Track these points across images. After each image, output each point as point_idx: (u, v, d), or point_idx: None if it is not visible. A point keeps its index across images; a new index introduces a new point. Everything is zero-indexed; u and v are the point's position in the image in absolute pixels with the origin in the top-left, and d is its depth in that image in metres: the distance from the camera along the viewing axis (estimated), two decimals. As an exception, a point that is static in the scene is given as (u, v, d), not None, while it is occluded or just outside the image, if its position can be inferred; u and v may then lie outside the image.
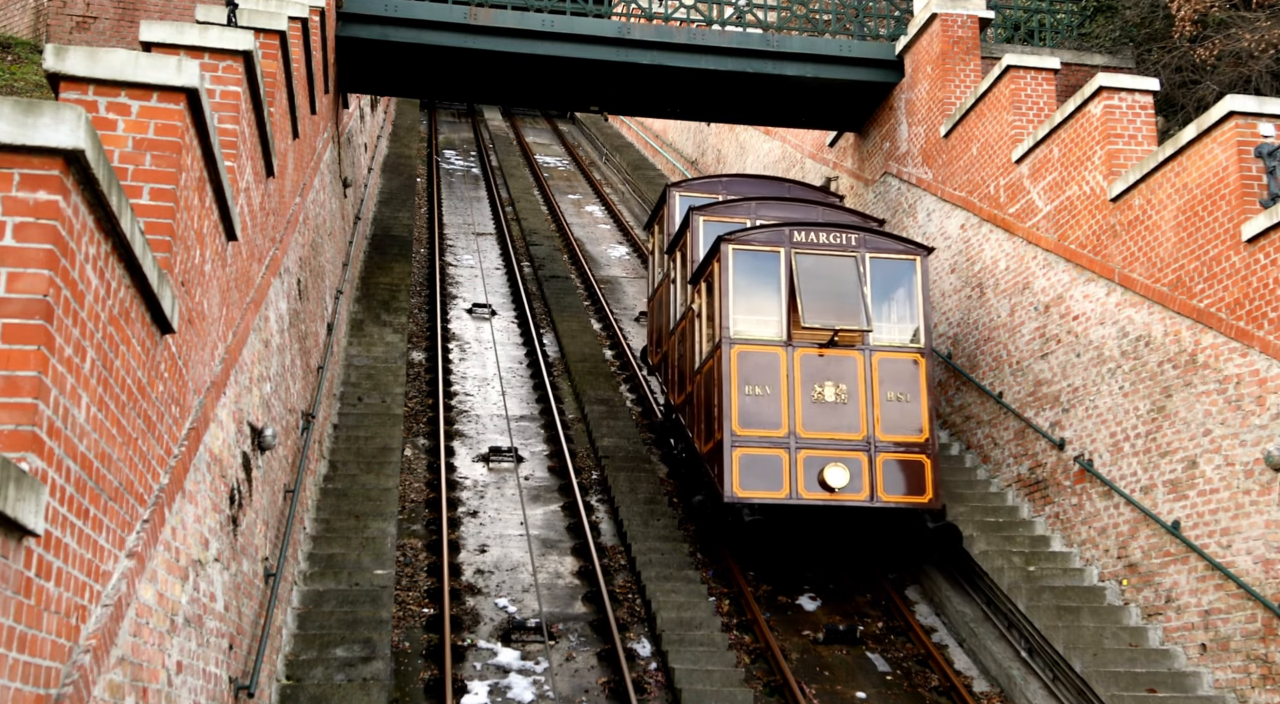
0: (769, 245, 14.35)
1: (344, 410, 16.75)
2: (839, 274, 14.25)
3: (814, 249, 14.33)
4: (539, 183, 35.94)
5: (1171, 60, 16.90)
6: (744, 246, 14.35)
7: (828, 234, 14.45)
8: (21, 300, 3.79)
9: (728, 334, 13.98)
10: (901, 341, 14.36)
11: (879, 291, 14.45)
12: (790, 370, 13.90)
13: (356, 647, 11.45)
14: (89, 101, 5.63)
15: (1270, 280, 10.80)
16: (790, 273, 14.18)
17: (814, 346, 14.01)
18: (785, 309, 14.14)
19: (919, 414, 14.04)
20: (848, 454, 13.70)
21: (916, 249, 14.69)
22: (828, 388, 13.89)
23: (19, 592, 3.62)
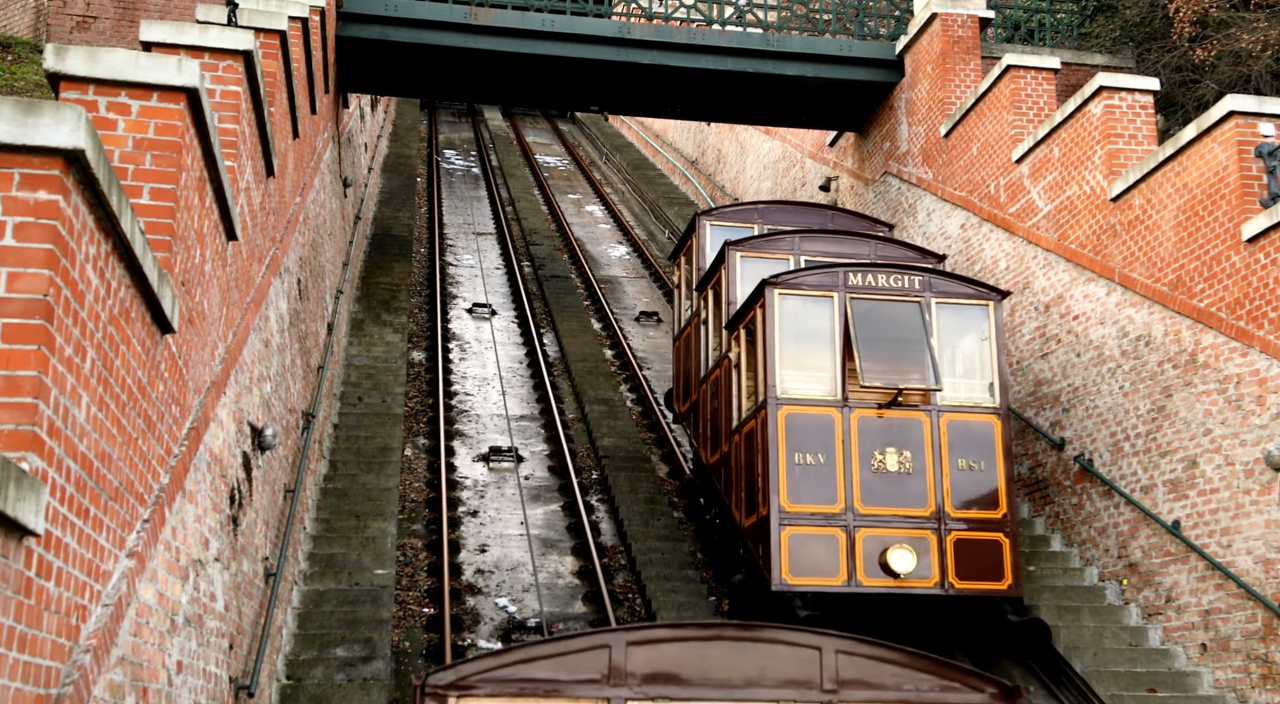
0: (821, 290, 12.53)
1: (344, 410, 16.75)
2: (901, 322, 12.48)
3: (872, 293, 12.54)
4: (539, 182, 35.94)
5: (1171, 60, 16.90)
6: (792, 291, 12.53)
7: (887, 276, 12.64)
8: (22, 300, 3.79)
9: (774, 393, 12.18)
10: (973, 400, 12.56)
11: (946, 341, 12.72)
12: (846, 435, 12.09)
13: (357, 647, 11.45)
14: (89, 101, 5.63)
15: (1270, 280, 10.80)
16: (846, 321, 12.35)
17: (873, 407, 12.21)
18: (840, 363, 12.33)
19: (995, 485, 12.18)
20: (913, 533, 11.92)
21: (989, 293, 12.89)
22: (889, 455, 12.13)
23: (19, 591, 3.62)
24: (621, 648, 6.39)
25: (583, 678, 6.20)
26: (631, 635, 6.44)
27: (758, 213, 16.16)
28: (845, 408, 12.25)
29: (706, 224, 16.06)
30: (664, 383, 20.61)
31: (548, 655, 6.26)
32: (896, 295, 12.59)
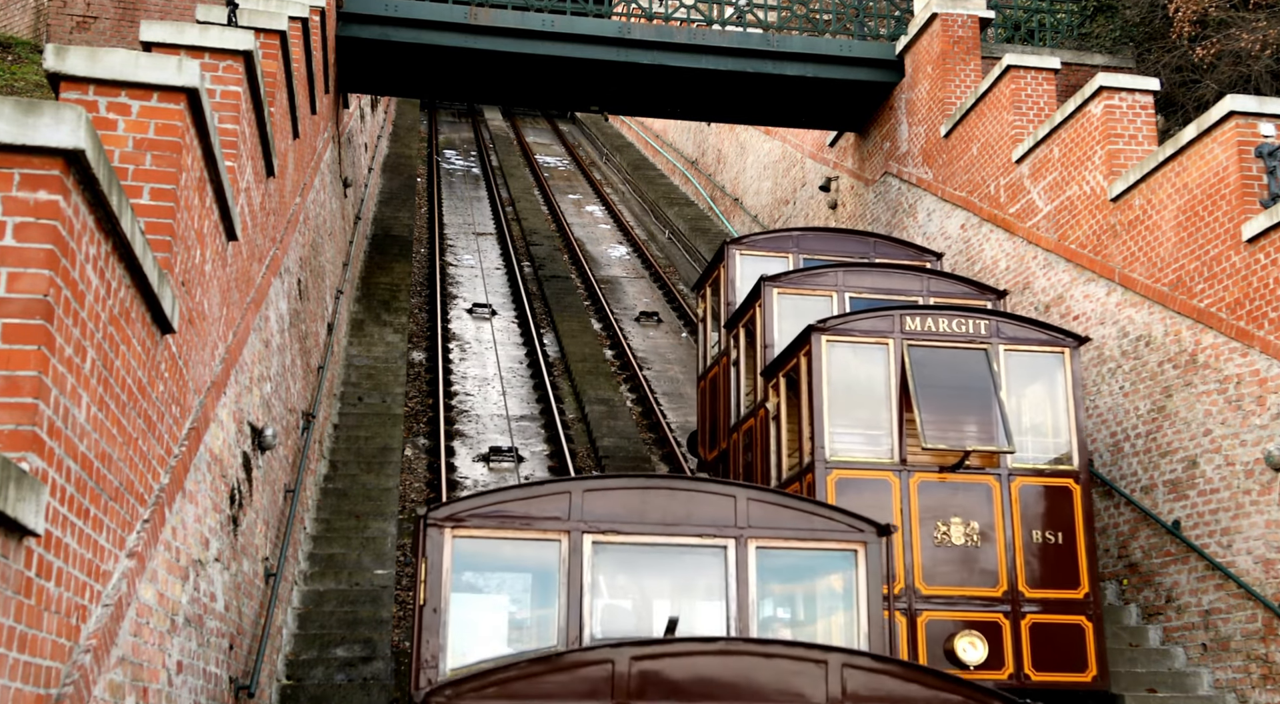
0: (875, 336, 11.29)
1: (344, 410, 16.76)
2: (966, 373, 11.27)
3: (932, 340, 11.28)
4: (539, 182, 35.95)
5: (1171, 60, 16.90)
6: (842, 338, 11.27)
7: (949, 320, 11.39)
8: (22, 300, 3.79)
9: (822, 455, 10.87)
10: (1049, 462, 11.30)
11: (1015, 393, 11.49)
12: (905, 503, 10.83)
13: (357, 647, 11.45)
14: (89, 101, 5.63)
15: (1270, 280, 10.80)
16: (903, 372, 11.13)
17: (936, 471, 10.96)
18: (897, 421, 11.07)
19: (1076, 560, 10.91)
20: (983, 616, 10.66)
21: (1063, 338, 11.56)
22: (954, 526, 10.87)
23: (19, 592, 3.62)
24: (580, 494, 7.78)
25: (549, 515, 7.64)
26: (588, 484, 7.86)
27: (792, 241, 14.79)
28: (904, 472, 10.94)
29: (736, 254, 14.66)
30: (664, 383, 20.62)
31: (522, 498, 7.70)
32: (960, 342, 11.31)
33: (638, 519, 7.79)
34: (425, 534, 7.56)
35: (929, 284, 13.28)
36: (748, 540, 7.82)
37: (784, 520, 8.05)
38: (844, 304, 12.86)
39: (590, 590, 7.56)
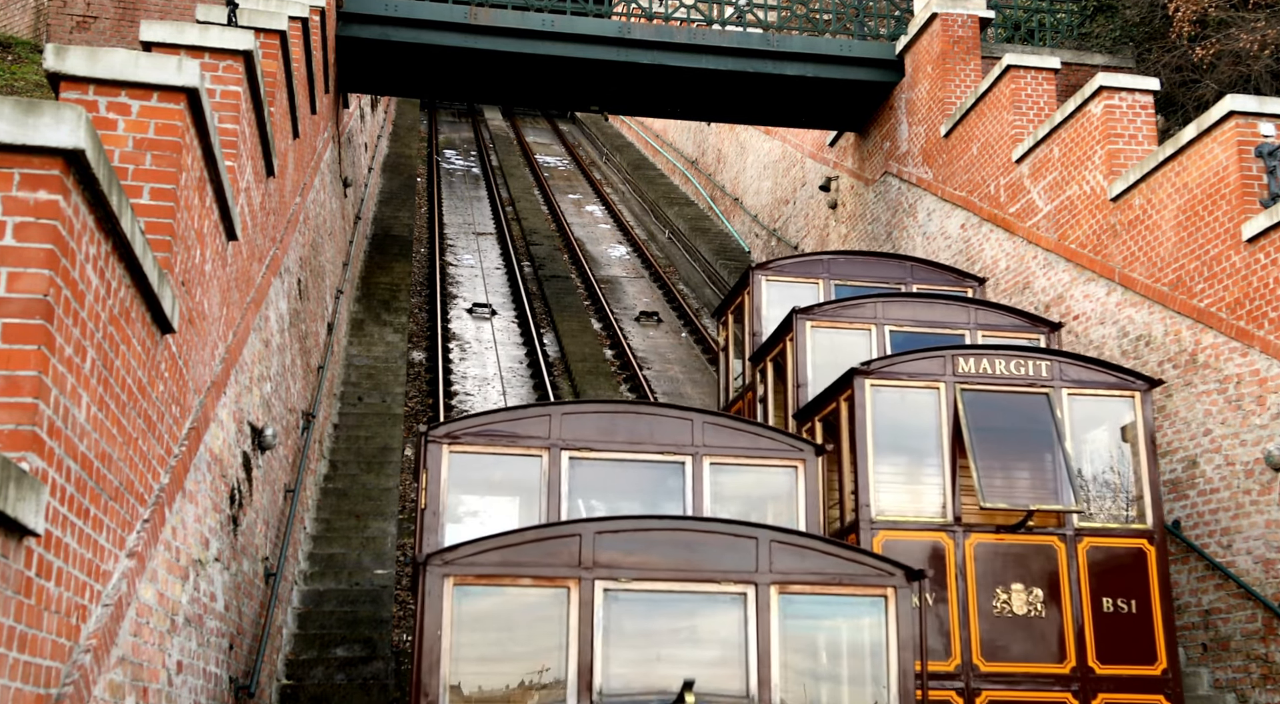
0: (924, 380, 10.32)
1: (344, 410, 16.76)
2: (1026, 421, 10.31)
3: (988, 383, 10.31)
4: (539, 182, 35.95)
5: (1171, 60, 16.90)
6: (889, 382, 10.27)
7: (1006, 360, 10.38)
8: (22, 300, 3.79)
9: (867, 514, 9.90)
10: (1119, 520, 10.33)
11: (1078, 440, 10.46)
12: (961, 568, 9.85)
13: (357, 647, 11.45)
14: (89, 101, 5.64)
15: (1270, 280, 10.80)
16: (956, 420, 10.19)
17: (994, 532, 9.99)
18: (949, 475, 10.10)
19: (1152, 631, 9.92)
20: (1049, 697, 9.65)
21: (1133, 381, 10.55)
22: (1015, 594, 9.85)
23: (19, 591, 3.62)
24: (559, 417, 8.92)
25: (533, 434, 8.77)
26: (565, 408, 9.01)
27: (822, 266, 13.84)
28: (958, 532, 9.93)
29: (762, 280, 13.73)
30: (664, 383, 20.61)
31: (509, 419, 8.86)
32: (1019, 385, 10.32)
33: (608, 438, 8.89)
34: (426, 449, 8.62)
35: (975, 316, 12.32)
36: (703, 457, 8.92)
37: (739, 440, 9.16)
38: (883, 339, 11.92)
39: (567, 498, 8.50)
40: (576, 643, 6.77)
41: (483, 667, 6.79)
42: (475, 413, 9.36)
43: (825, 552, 7.19)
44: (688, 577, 7.00)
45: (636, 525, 7.07)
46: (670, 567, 7.00)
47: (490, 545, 6.90)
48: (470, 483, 8.88)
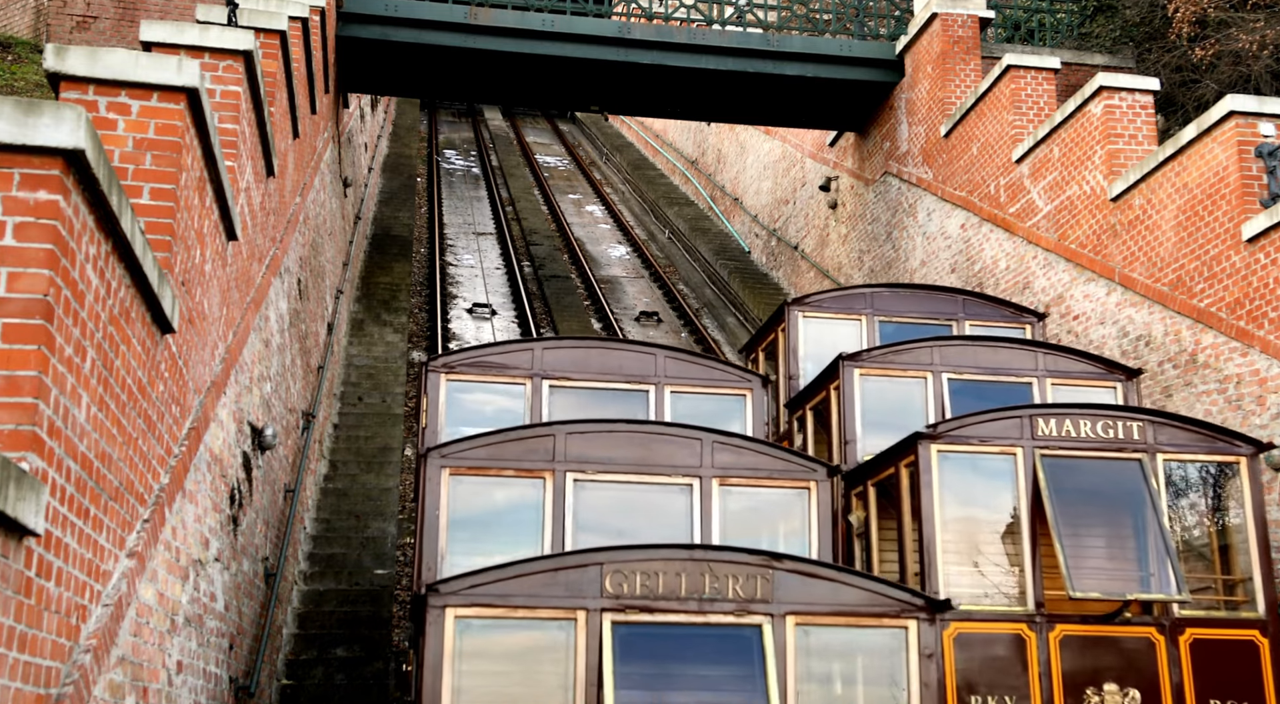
0: (999, 444, 9.03)
1: (344, 410, 16.75)
2: (1119, 494, 9.18)
3: (1073, 448, 9.04)
4: (539, 182, 35.94)
5: (1171, 60, 16.90)
6: (958, 448, 9.03)
7: (1093, 421, 9.12)
8: (22, 300, 3.79)
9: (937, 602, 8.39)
10: (1225, 608, 9.05)
11: (1178, 516, 9.31)
12: (1045, 666, 8.63)
13: (357, 647, 11.46)
14: (89, 101, 5.63)
15: (1270, 280, 10.80)
16: (1036, 490, 8.89)
17: (1081, 622, 8.74)
18: (1030, 555, 8.81)
19: None
20: None
21: (1240, 444, 9.34)
22: (1108, 695, 8.63)
23: (19, 591, 3.62)
24: (540, 350, 10.14)
25: (518, 365, 9.95)
26: (546, 344, 10.14)
27: (865, 301, 12.54)
28: (1041, 623, 8.72)
29: (799, 316, 12.46)
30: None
31: (498, 352, 10.08)
32: (1108, 450, 9.05)
33: (582, 369, 10.10)
34: (426, 377, 9.80)
35: (1044, 361, 11.09)
36: (664, 386, 10.23)
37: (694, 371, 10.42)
38: (942, 390, 10.74)
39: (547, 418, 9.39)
40: (550, 524, 7.97)
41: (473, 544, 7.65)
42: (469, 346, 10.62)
43: (759, 451, 8.49)
44: (643, 470, 8.26)
45: (601, 428, 8.32)
46: (629, 462, 8.27)
47: (479, 444, 8.17)
48: (463, 405, 9.93)
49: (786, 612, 6.62)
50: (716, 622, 6.58)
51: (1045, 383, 10.99)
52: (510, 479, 8.16)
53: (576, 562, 6.58)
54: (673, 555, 6.62)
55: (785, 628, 6.59)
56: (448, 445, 8.19)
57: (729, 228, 29.48)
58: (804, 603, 6.65)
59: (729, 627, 6.59)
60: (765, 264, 26.34)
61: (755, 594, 6.62)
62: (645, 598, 6.56)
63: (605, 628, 6.45)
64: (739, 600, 6.60)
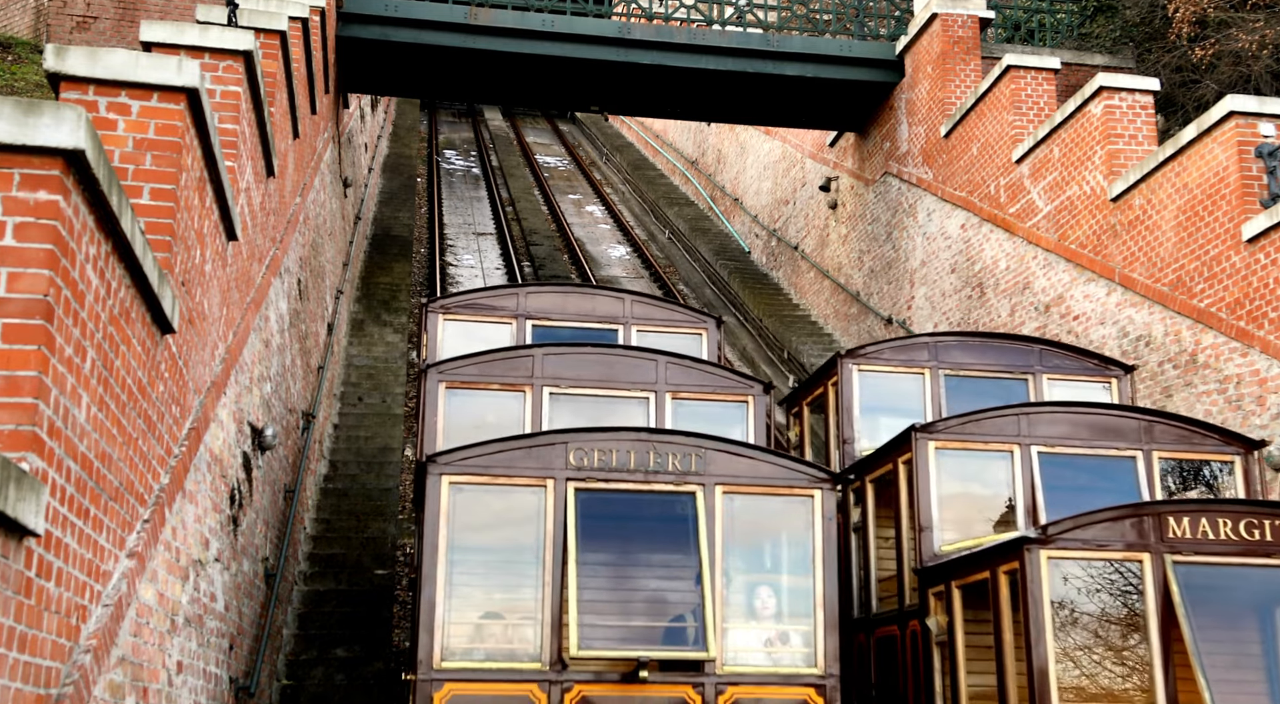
0: (1122, 549, 7.58)
1: (344, 410, 16.75)
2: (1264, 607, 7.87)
3: (1209, 552, 7.56)
4: (539, 182, 35.94)
5: (1171, 60, 16.91)
6: (1070, 553, 7.60)
7: (1234, 520, 7.59)
8: (22, 300, 3.79)
9: None
10: None
11: None
12: None
13: (357, 647, 11.46)
14: (89, 101, 5.63)
15: (1270, 280, 10.80)
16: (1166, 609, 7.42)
17: None
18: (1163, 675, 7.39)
19: None
20: None
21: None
22: None
23: (19, 592, 3.62)
24: (524, 295, 11.29)
25: (505, 307, 11.17)
26: (529, 288, 11.44)
27: (928, 351, 11.13)
28: None
29: (853, 370, 11.07)
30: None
31: (488, 296, 11.30)
32: (1253, 553, 7.55)
33: (559, 311, 11.26)
34: (426, 317, 10.96)
35: (1153, 433, 9.41)
36: (631, 325, 11.32)
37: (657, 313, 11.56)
38: (1032, 469, 9.20)
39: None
40: (529, 429, 9.21)
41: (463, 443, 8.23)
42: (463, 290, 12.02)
43: (705, 371, 9.97)
44: (608, 385, 9.70)
45: (573, 350, 9.75)
46: (596, 378, 9.72)
47: (469, 362, 9.61)
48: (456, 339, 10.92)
49: (716, 482, 7.89)
50: (659, 489, 7.86)
51: (1153, 459, 9.34)
52: (496, 392, 9.56)
53: (546, 440, 7.83)
54: (624, 436, 7.88)
55: (714, 495, 7.86)
56: (443, 363, 9.57)
57: (729, 228, 29.48)
58: (730, 475, 7.93)
59: (669, 493, 7.88)
60: (765, 264, 26.34)
61: (690, 468, 7.90)
62: (602, 470, 7.80)
63: (569, 493, 7.70)
64: (677, 472, 7.89)
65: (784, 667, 7.85)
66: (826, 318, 22.06)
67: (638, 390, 9.68)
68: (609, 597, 7.70)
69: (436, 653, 7.34)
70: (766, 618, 8.07)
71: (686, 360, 9.90)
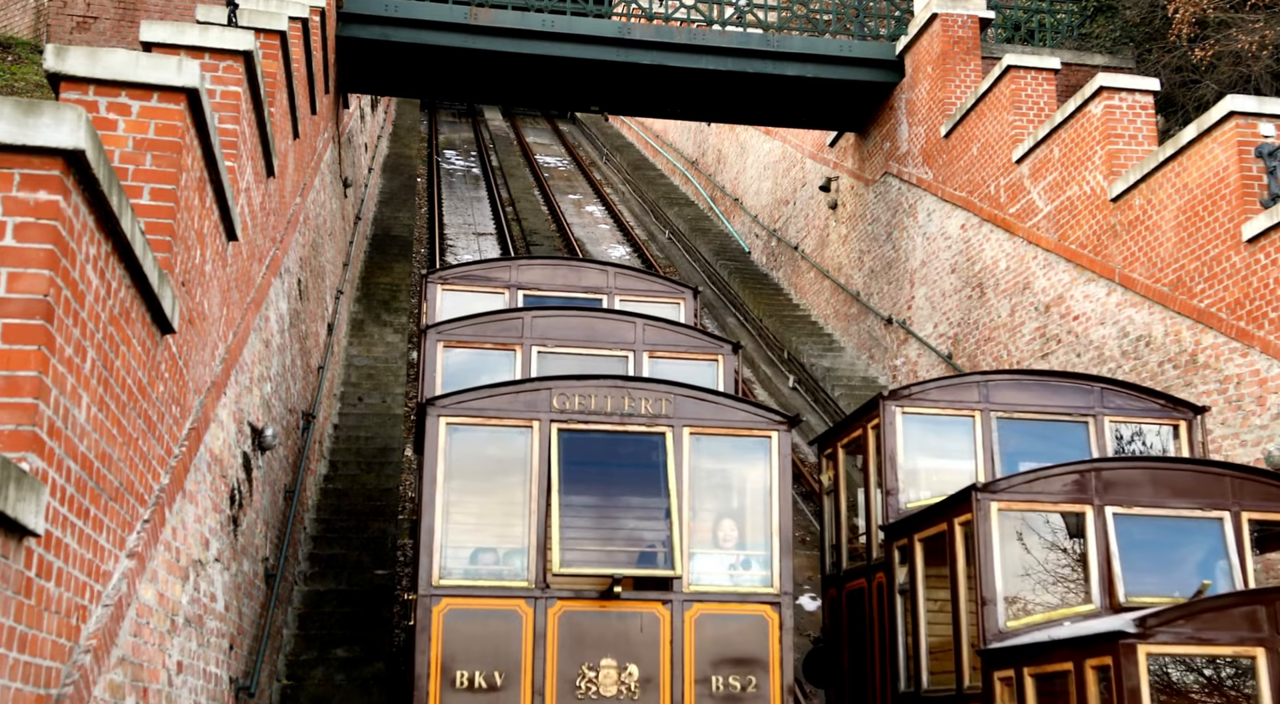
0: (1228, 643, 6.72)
1: (344, 410, 16.75)
2: None
3: None
4: (539, 183, 35.93)
5: (1171, 60, 16.91)
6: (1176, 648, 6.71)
7: None
8: (22, 300, 3.79)
9: None
10: None
11: None
12: None
13: (357, 647, 11.46)
14: (89, 102, 5.63)
15: (1270, 280, 10.80)
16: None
17: None
18: None
19: None
20: None
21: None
22: None
23: (19, 592, 3.62)
24: (517, 267, 12.27)
25: (498, 277, 12.10)
26: (521, 261, 12.42)
27: (978, 391, 10.12)
28: None
29: (897, 414, 10.03)
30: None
31: (483, 267, 12.44)
32: None
33: (548, 282, 12.10)
34: (425, 286, 11.86)
35: (1240, 490, 8.46)
36: (614, 295, 12.13)
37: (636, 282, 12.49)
38: (1107, 533, 8.21)
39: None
40: None
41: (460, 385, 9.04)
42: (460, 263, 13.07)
43: (679, 332, 10.96)
44: (591, 344, 10.55)
45: (559, 313, 10.65)
46: (580, 338, 10.52)
47: (463, 324, 10.43)
48: (453, 307, 11.62)
49: (683, 424, 8.77)
50: (633, 430, 8.73)
51: (1241, 521, 8.42)
52: (489, 351, 10.41)
53: (533, 386, 8.71)
54: (603, 383, 8.76)
55: (682, 435, 8.74)
56: (441, 324, 10.45)
57: (729, 228, 29.48)
58: (696, 419, 8.81)
59: (642, 434, 8.75)
60: (765, 264, 26.34)
61: (661, 411, 8.78)
62: (582, 413, 8.67)
63: (553, 433, 8.55)
64: (649, 415, 8.76)
65: (744, 587, 8.67)
66: (826, 318, 22.06)
67: (618, 349, 10.58)
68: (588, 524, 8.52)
69: (435, 572, 8.23)
70: (729, 546, 8.95)
71: (662, 322, 10.81)
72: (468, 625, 8.14)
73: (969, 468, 9.67)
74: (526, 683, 8.10)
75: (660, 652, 8.32)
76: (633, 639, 8.31)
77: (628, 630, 8.33)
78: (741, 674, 8.40)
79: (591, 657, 8.25)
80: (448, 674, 8.05)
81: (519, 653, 8.17)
